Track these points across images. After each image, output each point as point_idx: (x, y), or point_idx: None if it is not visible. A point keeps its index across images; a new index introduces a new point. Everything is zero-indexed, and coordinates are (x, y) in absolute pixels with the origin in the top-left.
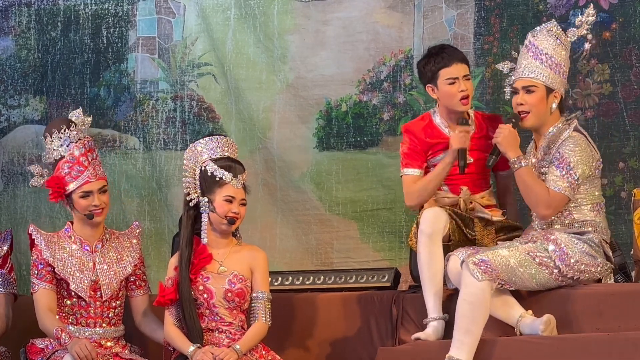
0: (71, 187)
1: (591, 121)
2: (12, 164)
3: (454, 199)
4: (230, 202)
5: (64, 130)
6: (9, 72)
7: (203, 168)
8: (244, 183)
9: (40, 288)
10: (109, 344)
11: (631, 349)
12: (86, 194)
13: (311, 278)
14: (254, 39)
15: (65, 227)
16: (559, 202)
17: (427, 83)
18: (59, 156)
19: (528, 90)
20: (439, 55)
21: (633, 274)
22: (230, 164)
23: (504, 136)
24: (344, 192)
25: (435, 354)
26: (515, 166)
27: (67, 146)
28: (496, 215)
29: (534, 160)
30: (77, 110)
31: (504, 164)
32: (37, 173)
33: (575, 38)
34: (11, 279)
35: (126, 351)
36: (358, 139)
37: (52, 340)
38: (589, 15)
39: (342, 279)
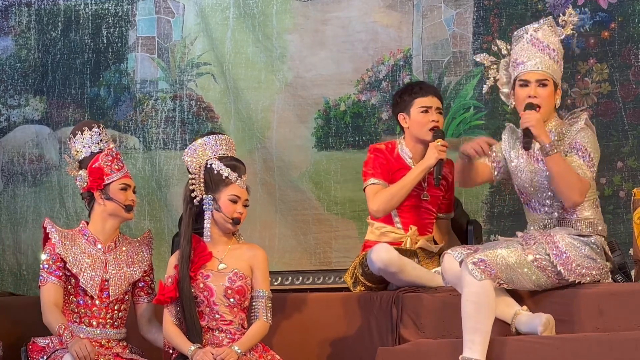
0: (114, 177)
1: (590, 121)
2: (12, 164)
3: (400, 237)
4: (236, 202)
5: (101, 128)
6: (9, 72)
7: (208, 165)
8: (245, 184)
9: (48, 282)
10: (110, 344)
11: (631, 349)
12: (125, 187)
13: (311, 278)
14: (252, 38)
15: (80, 225)
16: (587, 190)
17: (400, 112)
18: (98, 150)
19: (542, 84)
20: (417, 86)
21: (633, 273)
22: (236, 164)
23: (536, 119)
24: (343, 191)
25: (435, 354)
26: (549, 152)
27: (106, 142)
28: (436, 249)
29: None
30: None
31: (446, 206)
32: (69, 162)
33: (563, 37)
34: None
35: (127, 351)
36: (357, 138)
37: (53, 339)
38: (571, 15)
39: (342, 279)
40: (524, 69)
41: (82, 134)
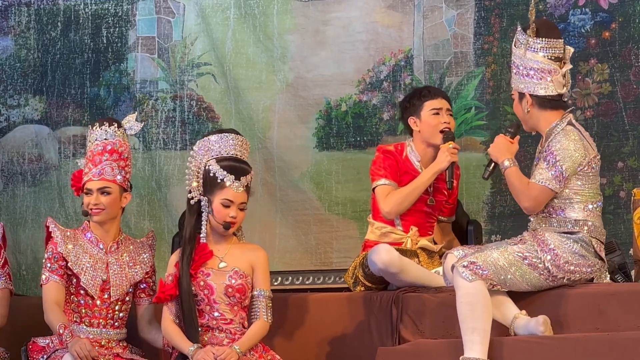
0: (84, 180)
1: (590, 121)
2: (12, 164)
3: (400, 237)
4: (228, 206)
5: (95, 129)
6: (8, 71)
7: (207, 167)
8: (247, 185)
9: (50, 281)
10: (110, 344)
11: (631, 349)
12: (88, 192)
13: (311, 278)
14: (253, 38)
15: (83, 224)
16: (539, 194)
17: (410, 115)
18: (88, 152)
19: (512, 99)
20: (425, 90)
21: (633, 273)
22: (234, 165)
23: (493, 145)
24: (344, 192)
25: (435, 354)
26: (502, 169)
27: (93, 143)
28: (437, 248)
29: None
30: (133, 115)
31: (449, 210)
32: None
33: (533, 33)
34: (4, 274)
35: (127, 352)
36: (358, 138)
37: (53, 339)
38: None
39: (342, 279)
40: None
41: (89, 134)
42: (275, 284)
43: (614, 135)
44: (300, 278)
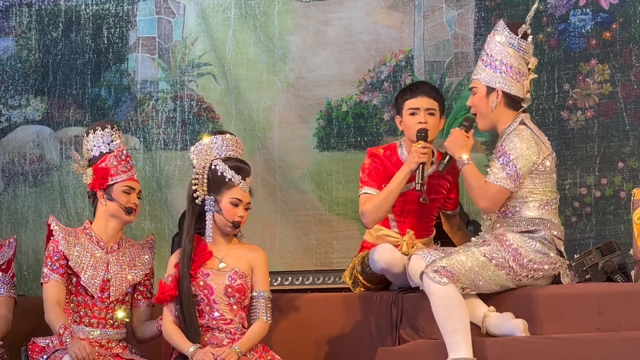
0: (118, 178)
1: (591, 121)
2: (13, 164)
3: (397, 240)
4: (237, 205)
5: (115, 130)
6: (9, 72)
7: (213, 166)
8: (249, 186)
9: (51, 279)
10: (110, 344)
11: (631, 349)
12: (129, 190)
13: (311, 278)
14: (254, 39)
15: (84, 224)
16: (495, 194)
17: (397, 114)
18: (107, 150)
19: (472, 91)
20: (408, 88)
21: (633, 273)
22: (240, 166)
23: (450, 139)
24: (345, 192)
25: (435, 354)
26: (460, 165)
27: (117, 143)
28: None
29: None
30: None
31: (453, 204)
32: (76, 159)
33: (526, 35)
34: (13, 284)
35: (127, 352)
36: (358, 139)
37: (53, 339)
38: (533, 8)
39: (342, 280)
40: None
41: (94, 134)
42: (275, 284)
43: (614, 136)
44: (301, 278)
